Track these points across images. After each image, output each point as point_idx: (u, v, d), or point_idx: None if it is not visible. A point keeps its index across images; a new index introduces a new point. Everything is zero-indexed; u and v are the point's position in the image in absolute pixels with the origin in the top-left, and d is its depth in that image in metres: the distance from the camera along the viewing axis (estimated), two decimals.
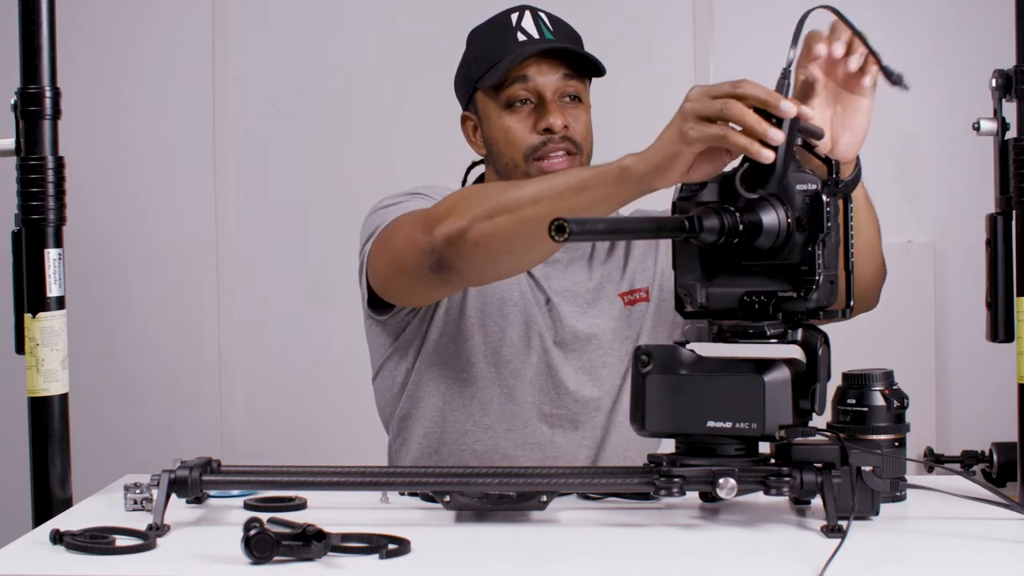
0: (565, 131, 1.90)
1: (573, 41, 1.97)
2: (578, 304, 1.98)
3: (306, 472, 1.57)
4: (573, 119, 1.92)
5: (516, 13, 1.95)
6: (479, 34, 1.99)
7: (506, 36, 1.92)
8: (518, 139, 1.92)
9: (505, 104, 1.92)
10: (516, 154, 1.92)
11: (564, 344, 1.97)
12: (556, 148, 1.90)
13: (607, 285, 2.01)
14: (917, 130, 3.18)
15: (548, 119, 1.89)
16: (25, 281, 1.64)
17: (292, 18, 3.26)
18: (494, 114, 1.94)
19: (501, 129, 1.93)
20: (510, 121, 1.92)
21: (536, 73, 1.91)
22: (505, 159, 1.94)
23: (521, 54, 1.89)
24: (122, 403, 3.25)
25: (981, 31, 3.08)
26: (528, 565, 1.38)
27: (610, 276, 2.01)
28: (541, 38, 1.92)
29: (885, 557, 1.38)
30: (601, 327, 1.98)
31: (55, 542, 1.40)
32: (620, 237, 1.94)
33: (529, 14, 1.94)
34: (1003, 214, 1.62)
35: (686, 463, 1.47)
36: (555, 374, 1.96)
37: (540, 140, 1.90)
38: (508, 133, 1.92)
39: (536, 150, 1.91)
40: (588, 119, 1.95)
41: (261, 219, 3.26)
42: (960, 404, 3.16)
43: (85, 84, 3.13)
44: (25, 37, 1.63)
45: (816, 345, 1.46)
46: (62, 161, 1.65)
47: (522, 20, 1.93)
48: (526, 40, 1.91)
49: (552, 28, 1.94)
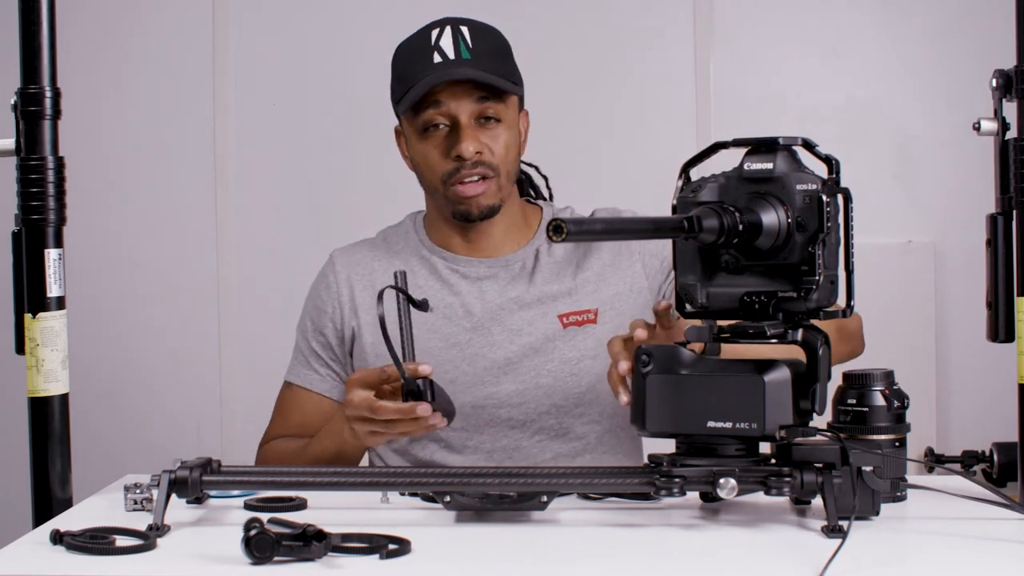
0: (478, 156, 1.90)
1: (493, 58, 1.92)
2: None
3: (306, 472, 1.58)
4: (490, 141, 1.91)
5: (437, 29, 1.92)
6: (401, 50, 1.97)
7: (423, 56, 1.90)
8: (433, 165, 1.93)
9: (421, 129, 1.92)
10: (434, 179, 1.94)
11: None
12: (470, 174, 1.91)
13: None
14: (917, 130, 3.18)
15: (459, 146, 1.89)
16: (25, 281, 1.64)
17: (292, 18, 3.26)
18: (413, 137, 1.95)
19: (419, 154, 1.94)
20: (426, 147, 1.93)
21: (449, 98, 1.89)
22: (426, 181, 1.97)
23: (428, 82, 1.88)
24: (122, 403, 3.25)
25: (981, 31, 3.07)
26: (528, 565, 1.38)
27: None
28: (457, 59, 1.89)
29: (885, 557, 1.38)
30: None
31: (55, 542, 1.40)
32: (619, 237, 1.93)
33: (449, 30, 1.91)
34: (1003, 214, 1.62)
35: (686, 463, 1.47)
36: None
37: (453, 167, 1.91)
38: (425, 158, 1.94)
39: (450, 176, 1.92)
40: (508, 138, 1.93)
41: (261, 219, 3.26)
42: (960, 404, 3.15)
43: (85, 84, 3.12)
44: (25, 37, 1.63)
45: (816, 345, 1.46)
46: (62, 161, 1.65)
47: (441, 38, 1.91)
48: (440, 62, 1.89)
49: (471, 45, 1.91)
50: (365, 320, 1.99)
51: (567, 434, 1.97)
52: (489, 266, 2.00)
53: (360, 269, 2.03)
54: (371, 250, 2.06)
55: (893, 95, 3.20)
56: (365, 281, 2.02)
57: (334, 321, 2.02)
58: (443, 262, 2.01)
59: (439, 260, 2.01)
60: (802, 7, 3.21)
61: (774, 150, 1.48)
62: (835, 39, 3.19)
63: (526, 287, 1.99)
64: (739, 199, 1.48)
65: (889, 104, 3.20)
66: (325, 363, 2.02)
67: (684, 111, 3.18)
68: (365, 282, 2.02)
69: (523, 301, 1.97)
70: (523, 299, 1.97)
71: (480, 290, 1.99)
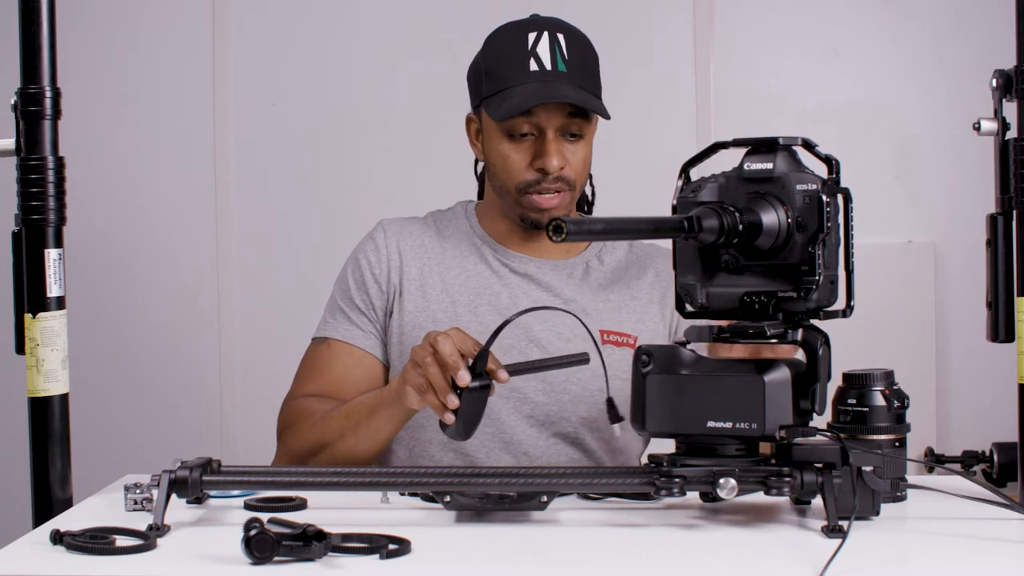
0: (560, 171, 1.91)
1: (586, 71, 1.94)
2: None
3: (306, 472, 1.58)
4: (571, 156, 1.92)
5: (534, 33, 1.93)
6: (495, 44, 1.97)
7: (519, 60, 1.91)
8: (513, 171, 1.93)
9: (507, 132, 1.92)
10: (509, 182, 1.94)
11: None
12: (549, 187, 1.92)
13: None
14: (917, 130, 3.18)
15: (545, 160, 1.90)
16: (25, 281, 1.64)
17: (292, 18, 3.25)
18: (495, 136, 1.95)
19: (500, 155, 1.94)
20: (509, 150, 1.93)
21: (540, 110, 1.90)
22: (499, 181, 1.97)
23: (531, 98, 1.88)
24: (122, 403, 3.25)
25: (981, 31, 3.08)
26: (528, 565, 1.38)
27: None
28: (554, 69, 1.90)
29: (885, 557, 1.38)
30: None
31: (55, 542, 1.40)
32: (618, 237, 1.94)
33: (547, 37, 1.92)
34: (1003, 214, 1.62)
35: (686, 463, 1.47)
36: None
37: (535, 177, 1.92)
38: (506, 161, 1.94)
39: (529, 185, 1.92)
40: (586, 154, 1.95)
41: (261, 219, 3.26)
42: (960, 404, 3.15)
43: (85, 84, 3.13)
44: (25, 37, 1.63)
45: (816, 345, 1.46)
46: (62, 161, 1.65)
47: (538, 44, 1.91)
48: (537, 71, 1.90)
49: (567, 56, 1.92)
50: (408, 290, 1.99)
51: (579, 444, 1.97)
52: (539, 266, 2.01)
53: (410, 240, 2.04)
54: (422, 227, 2.07)
55: (893, 95, 3.20)
56: (415, 252, 2.02)
57: (379, 282, 2.01)
58: (494, 252, 2.02)
59: (489, 250, 2.02)
60: (802, 7, 3.21)
61: (774, 150, 1.48)
62: (835, 39, 3.19)
63: (574, 293, 2.00)
64: (739, 199, 1.48)
65: (889, 104, 3.20)
66: (368, 320, 2.01)
67: (684, 111, 3.18)
68: (415, 252, 2.02)
69: (568, 306, 1.96)
70: (568, 306, 1.96)
71: (528, 285, 2.00)
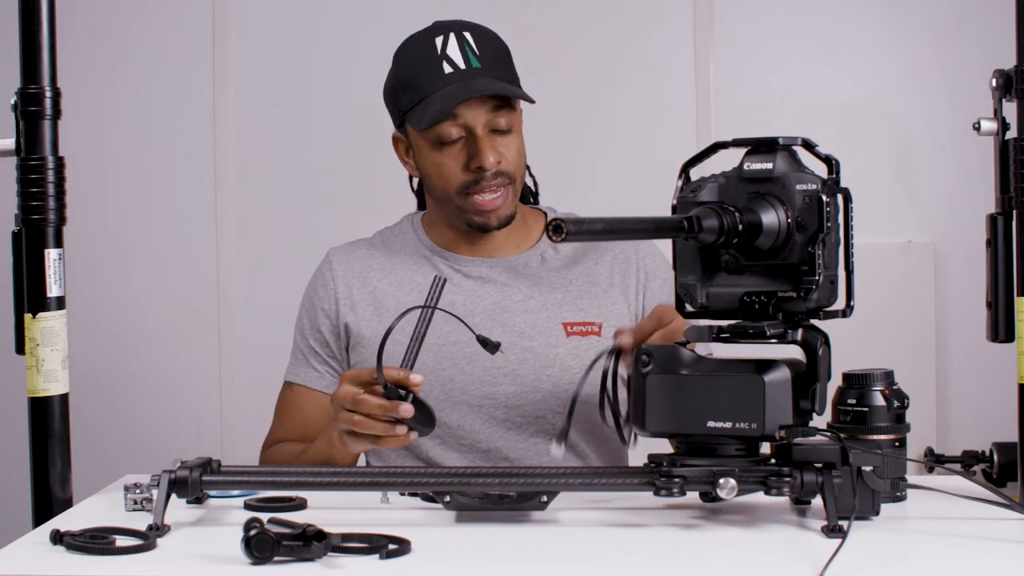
0: (497, 166, 1.90)
1: (501, 63, 1.92)
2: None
3: (306, 472, 1.57)
4: (504, 149, 1.91)
5: (440, 36, 1.91)
6: (405, 57, 1.95)
7: (432, 66, 1.89)
8: (450, 177, 1.91)
9: (437, 141, 1.90)
10: (449, 189, 1.92)
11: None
12: (489, 184, 1.90)
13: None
14: (917, 130, 3.18)
15: (480, 158, 1.88)
16: (25, 281, 1.64)
17: (292, 18, 3.26)
18: (425, 148, 1.93)
19: (434, 164, 1.92)
20: (442, 158, 1.91)
21: (465, 109, 1.88)
22: (438, 192, 1.95)
23: (452, 99, 1.86)
24: (122, 403, 3.25)
25: (981, 31, 3.08)
26: (528, 565, 1.38)
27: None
28: (468, 67, 1.88)
29: (885, 557, 1.38)
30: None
31: (55, 542, 1.40)
32: (618, 237, 1.93)
33: (454, 38, 1.90)
34: (1003, 214, 1.62)
35: (686, 463, 1.47)
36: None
37: (472, 178, 1.90)
38: (440, 169, 1.92)
39: (469, 186, 1.91)
40: (519, 145, 1.94)
41: (261, 219, 3.26)
42: (960, 404, 3.16)
43: (85, 84, 3.13)
44: (25, 37, 1.63)
45: (816, 345, 1.46)
46: (62, 161, 1.65)
47: (447, 47, 1.90)
48: (452, 72, 1.88)
49: (478, 51, 1.90)
50: (363, 317, 1.99)
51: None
52: (492, 266, 2.00)
53: (357, 267, 2.03)
54: (368, 249, 2.06)
55: (893, 95, 3.20)
56: (363, 277, 2.02)
57: (330, 318, 2.01)
58: (444, 261, 2.00)
59: (440, 259, 2.01)
60: (802, 7, 3.21)
61: (774, 150, 1.48)
62: (835, 39, 3.20)
63: (530, 290, 1.98)
64: (739, 199, 1.48)
65: (889, 104, 3.20)
66: (323, 360, 2.01)
67: (684, 111, 3.18)
68: (364, 278, 2.02)
69: (527, 305, 1.97)
70: (527, 303, 1.97)
71: (484, 287, 1.98)
